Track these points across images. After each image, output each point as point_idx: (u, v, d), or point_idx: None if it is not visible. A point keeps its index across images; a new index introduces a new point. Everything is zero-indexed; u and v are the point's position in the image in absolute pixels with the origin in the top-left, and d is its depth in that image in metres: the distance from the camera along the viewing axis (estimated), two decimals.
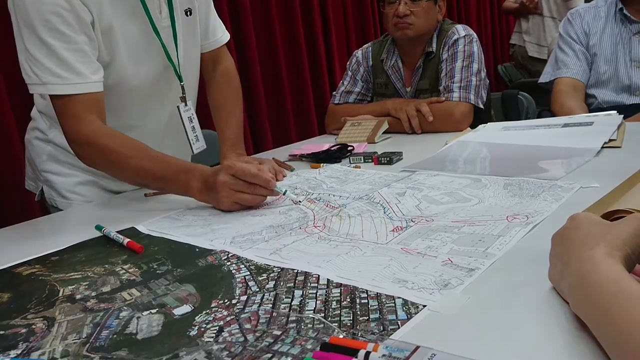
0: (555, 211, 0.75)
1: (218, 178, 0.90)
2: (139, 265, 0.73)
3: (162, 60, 1.12)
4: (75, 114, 0.99)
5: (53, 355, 0.51)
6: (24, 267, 0.76)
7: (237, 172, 0.90)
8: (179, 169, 0.97)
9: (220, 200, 0.91)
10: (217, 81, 1.32)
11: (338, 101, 1.77)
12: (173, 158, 1.00)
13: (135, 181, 1.06)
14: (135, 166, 0.99)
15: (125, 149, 0.99)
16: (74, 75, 0.97)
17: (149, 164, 0.98)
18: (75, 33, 0.96)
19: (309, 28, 2.80)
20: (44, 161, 1.20)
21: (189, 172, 0.95)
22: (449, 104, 1.51)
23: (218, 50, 1.32)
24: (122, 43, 1.04)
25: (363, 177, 1.07)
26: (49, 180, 1.20)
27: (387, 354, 0.43)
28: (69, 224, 1.03)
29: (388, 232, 0.75)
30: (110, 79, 1.05)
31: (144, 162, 0.98)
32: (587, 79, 1.67)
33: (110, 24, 1.01)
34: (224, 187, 0.90)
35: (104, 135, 1.00)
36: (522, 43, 3.69)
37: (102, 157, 1.01)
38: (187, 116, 1.20)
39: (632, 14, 1.60)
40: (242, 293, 0.60)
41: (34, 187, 1.27)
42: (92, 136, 0.99)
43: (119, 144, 0.99)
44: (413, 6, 1.58)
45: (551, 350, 0.44)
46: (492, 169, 1.06)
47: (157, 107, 1.17)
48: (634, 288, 0.40)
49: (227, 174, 0.90)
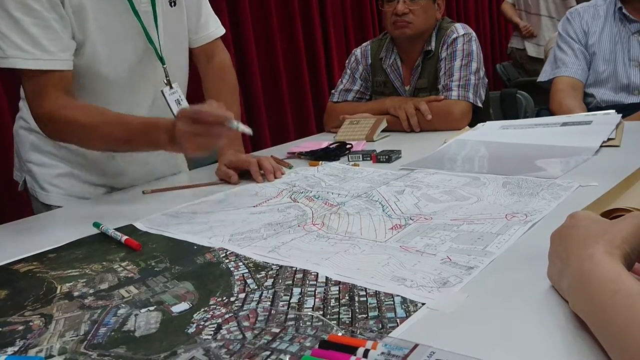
0: (554, 210, 0.75)
1: (177, 127, 0.91)
2: (137, 262, 0.72)
3: (142, 42, 1.10)
4: (40, 90, 0.98)
5: (50, 352, 0.51)
6: (22, 264, 0.76)
7: (191, 114, 0.90)
8: (144, 128, 0.97)
9: (185, 149, 0.93)
10: (213, 76, 1.31)
11: (337, 99, 1.76)
12: (135, 117, 1.00)
13: (106, 147, 1.06)
14: (101, 134, 0.99)
15: (87, 118, 0.99)
16: (40, 51, 0.96)
17: (113, 129, 0.98)
18: (45, 10, 0.96)
19: (307, 26, 2.79)
20: (27, 151, 1.19)
21: (153, 128, 0.96)
22: (448, 102, 1.51)
23: (212, 44, 1.30)
24: (93, 22, 1.03)
25: (362, 175, 1.07)
26: (31, 171, 1.19)
27: (385, 351, 0.43)
28: (67, 221, 1.03)
29: (387, 230, 0.74)
30: (84, 59, 1.04)
31: (108, 128, 0.98)
32: (585, 78, 1.67)
33: (81, 3, 1.00)
34: (183, 136, 0.91)
35: (66, 108, 0.99)
36: (521, 45, 3.69)
37: (67, 130, 1.01)
38: (174, 99, 1.17)
39: (631, 13, 1.60)
40: (241, 290, 0.60)
41: (19, 177, 1.26)
42: (54, 111, 0.99)
43: (82, 115, 0.99)
44: (412, 5, 1.58)
45: (550, 348, 0.43)
46: (491, 167, 1.06)
47: (139, 90, 1.15)
48: (633, 287, 0.40)
49: (182, 120, 0.91)
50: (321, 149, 1.29)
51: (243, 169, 1.13)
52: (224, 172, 1.14)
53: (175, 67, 1.19)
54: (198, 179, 1.18)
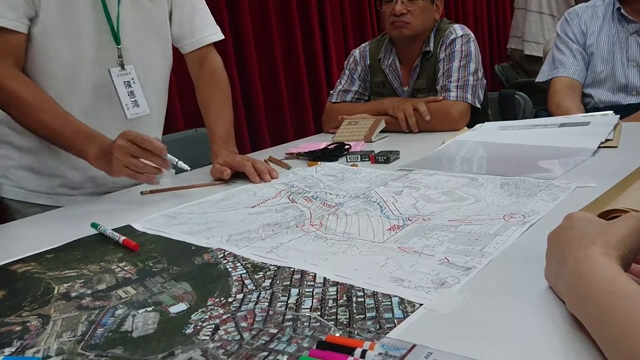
0: (552, 210, 0.75)
1: (115, 142, 0.94)
2: (135, 263, 0.72)
3: (98, 17, 1.09)
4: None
5: (48, 353, 0.51)
6: (19, 265, 0.76)
7: (132, 137, 0.93)
8: (77, 131, 0.99)
9: (112, 162, 0.94)
10: (204, 80, 1.31)
11: (335, 100, 1.76)
12: (77, 120, 1.01)
13: (36, 132, 1.05)
14: (37, 117, 1.00)
15: (31, 97, 0.99)
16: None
17: (50, 117, 0.99)
18: None
19: (306, 27, 2.79)
20: None
21: (88, 137, 0.98)
22: (446, 103, 1.52)
23: (204, 49, 1.30)
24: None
25: (360, 176, 1.07)
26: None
27: (383, 352, 0.43)
28: (65, 222, 1.03)
29: (385, 230, 0.75)
30: (36, 27, 1.03)
31: (46, 114, 0.99)
32: (584, 79, 1.67)
33: None
34: (119, 149, 0.93)
35: (12, 79, 0.99)
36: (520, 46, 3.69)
37: (6, 102, 1.01)
38: (123, 80, 1.16)
39: (629, 13, 1.60)
40: (239, 291, 0.60)
41: None
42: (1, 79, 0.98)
43: (27, 93, 0.99)
44: (410, 5, 1.58)
45: (547, 349, 0.44)
46: (489, 168, 1.06)
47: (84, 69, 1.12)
48: (630, 287, 0.40)
49: (124, 138, 0.94)
50: (319, 150, 1.29)
51: (238, 170, 1.13)
52: (217, 168, 1.14)
53: (138, 53, 1.17)
54: (196, 179, 1.18)
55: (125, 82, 1.16)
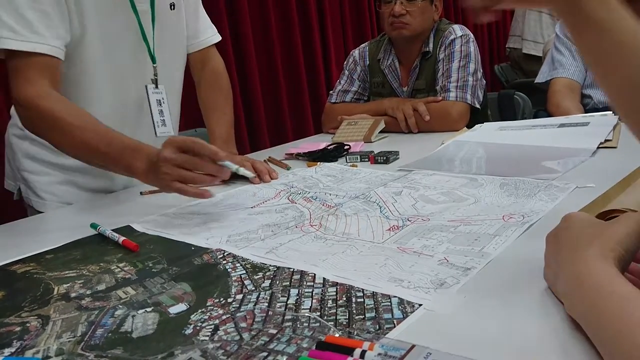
0: (551, 211, 0.75)
1: (161, 153, 0.83)
2: (134, 263, 0.72)
3: (135, 37, 1.10)
4: (26, 75, 0.95)
5: (47, 353, 0.51)
6: (19, 265, 0.76)
7: (180, 144, 0.82)
8: (124, 147, 0.90)
9: (161, 177, 0.84)
10: (206, 81, 1.32)
11: (335, 100, 1.77)
12: (120, 134, 0.93)
13: (77, 154, 0.98)
14: (78, 138, 0.92)
15: (69, 117, 0.93)
16: (32, 34, 0.94)
17: (93, 137, 0.91)
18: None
19: (305, 27, 2.79)
20: (21, 159, 1.17)
21: (135, 150, 0.89)
22: (446, 103, 1.52)
23: (207, 50, 1.32)
24: (93, 16, 1.02)
25: (359, 176, 1.07)
26: (26, 179, 1.18)
27: (382, 352, 0.43)
28: (64, 222, 1.02)
29: (384, 231, 0.75)
30: (78, 52, 1.03)
31: (87, 134, 0.92)
32: (583, 80, 1.68)
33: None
34: (165, 162, 0.82)
35: (49, 99, 0.95)
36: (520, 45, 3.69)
37: (43, 122, 0.95)
38: (156, 98, 1.17)
39: None
40: (238, 292, 0.60)
41: (13, 186, 1.24)
42: (36, 98, 0.94)
43: (64, 112, 0.94)
44: (409, 6, 1.58)
45: (547, 349, 0.44)
46: (489, 168, 1.06)
47: (126, 88, 1.14)
48: (626, 290, 0.40)
49: (170, 147, 0.82)
50: (319, 150, 1.29)
51: None
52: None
53: (166, 69, 1.19)
54: None
55: (157, 100, 1.17)
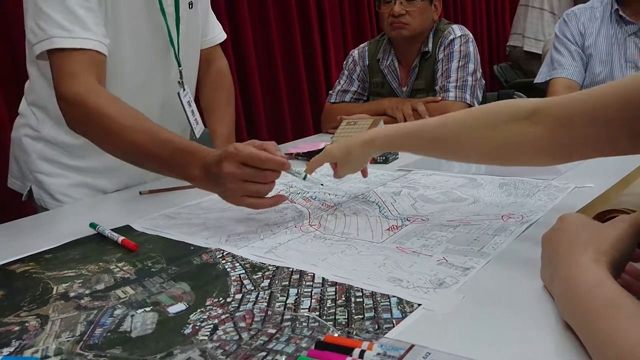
0: (550, 211, 0.75)
1: (223, 168, 0.77)
2: (134, 263, 0.72)
3: (163, 41, 1.10)
4: (73, 71, 0.91)
5: (46, 353, 0.51)
6: (18, 265, 0.76)
7: (245, 158, 0.76)
8: (177, 149, 0.84)
9: (227, 194, 0.80)
10: (210, 80, 1.32)
11: (334, 100, 1.77)
12: (173, 135, 0.87)
13: (126, 156, 0.92)
14: (127, 138, 0.86)
15: (120, 116, 0.87)
16: (84, 30, 0.93)
17: (144, 138, 0.86)
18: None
19: (305, 27, 2.79)
20: (34, 160, 1.15)
21: (189, 154, 0.82)
22: (445, 103, 1.52)
23: (213, 49, 1.32)
24: (126, 19, 1.03)
25: (359, 176, 1.07)
26: (40, 181, 1.16)
27: (381, 352, 0.43)
28: (63, 222, 1.02)
29: (383, 230, 0.75)
30: (115, 54, 1.02)
31: (138, 135, 0.86)
32: (582, 80, 1.68)
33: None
34: (231, 178, 0.77)
35: (99, 95, 0.90)
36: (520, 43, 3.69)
37: (90, 121, 0.89)
38: (187, 100, 1.18)
39: (627, 15, 1.60)
40: (237, 291, 0.60)
41: (20, 186, 1.22)
42: (84, 94, 0.89)
43: (114, 109, 0.88)
44: (408, 6, 1.58)
45: (545, 349, 0.44)
46: (488, 168, 1.06)
47: (152, 90, 1.14)
48: (617, 295, 0.40)
49: (233, 161, 0.76)
50: (318, 150, 1.28)
51: None
52: None
53: (188, 70, 1.20)
54: None
55: (188, 102, 1.18)
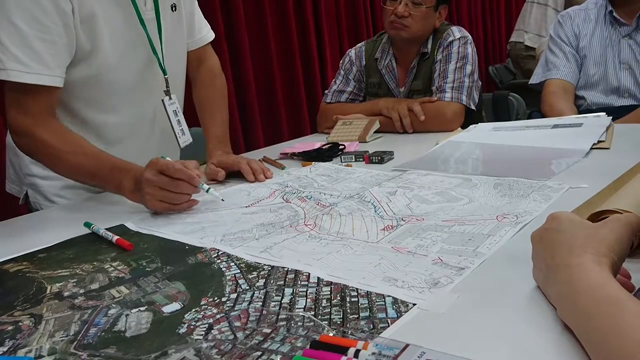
0: (544, 211, 0.76)
1: (144, 175, 0.90)
2: (128, 262, 0.72)
3: (146, 52, 1.10)
4: (25, 104, 0.98)
5: (40, 352, 0.51)
6: (11, 264, 0.75)
7: (161, 167, 0.89)
8: (113, 167, 0.97)
9: (147, 198, 0.91)
10: (202, 80, 1.32)
11: (330, 100, 1.76)
12: (110, 156, 1.00)
13: (72, 177, 1.06)
14: (71, 162, 0.99)
15: (61, 144, 0.99)
16: (40, 65, 0.96)
17: (84, 160, 0.99)
18: (53, 23, 0.95)
19: (301, 26, 2.79)
20: (28, 164, 1.16)
21: (123, 171, 0.96)
22: (441, 103, 1.52)
23: (203, 48, 1.31)
24: (105, 31, 1.02)
25: (354, 176, 1.07)
26: (34, 184, 1.17)
27: (376, 352, 0.43)
28: (58, 221, 1.02)
29: (379, 230, 0.75)
30: (92, 68, 1.04)
31: (79, 158, 0.99)
32: (576, 81, 1.69)
33: (92, 11, 0.99)
34: (148, 184, 0.90)
35: (44, 129, 0.99)
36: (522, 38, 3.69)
37: (39, 151, 1.01)
38: (172, 109, 1.18)
39: (621, 16, 1.61)
40: (232, 291, 0.60)
41: (17, 190, 1.24)
42: (32, 129, 0.99)
43: (57, 139, 0.99)
44: (413, 9, 1.57)
45: (539, 348, 0.44)
46: (483, 168, 1.07)
47: (141, 100, 1.15)
48: (620, 294, 0.40)
49: (152, 170, 0.90)
50: (314, 150, 1.29)
51: (233, 169, 1.13)
52: (212, 170, 1.14)
53: (174, 77, 1.19)
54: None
55: (174, 111, 1.19)
